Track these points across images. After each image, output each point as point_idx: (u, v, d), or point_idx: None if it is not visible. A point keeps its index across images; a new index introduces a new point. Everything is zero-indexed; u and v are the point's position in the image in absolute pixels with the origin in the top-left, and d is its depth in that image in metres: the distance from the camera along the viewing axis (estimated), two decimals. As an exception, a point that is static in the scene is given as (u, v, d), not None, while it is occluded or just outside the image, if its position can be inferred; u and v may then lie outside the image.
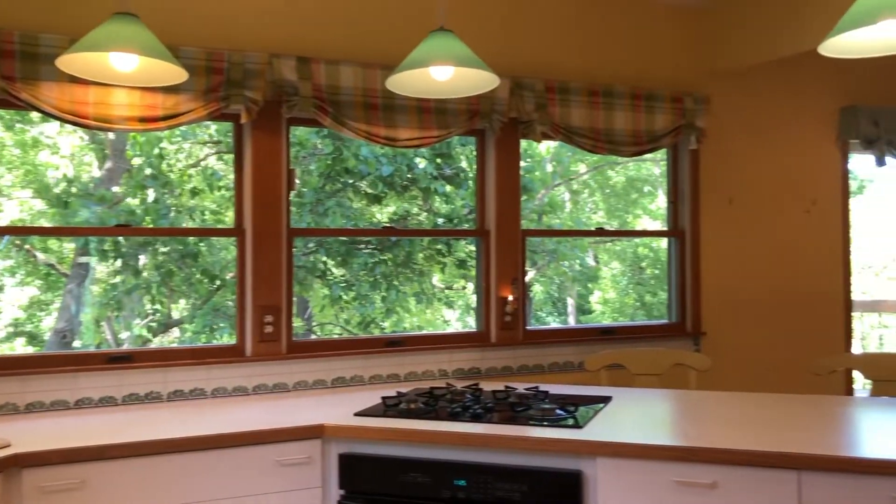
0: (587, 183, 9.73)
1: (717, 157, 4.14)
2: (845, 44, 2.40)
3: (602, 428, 2.49)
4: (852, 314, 4.51)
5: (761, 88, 4.28)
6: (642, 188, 9.85)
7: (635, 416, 2.70)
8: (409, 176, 6.38)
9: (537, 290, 9.59)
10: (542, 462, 2.41)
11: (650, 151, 3.94)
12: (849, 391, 4.32)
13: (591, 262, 10.22)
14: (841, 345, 4.46)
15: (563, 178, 9.17)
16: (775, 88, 4.32)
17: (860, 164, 9.09)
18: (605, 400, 2.93)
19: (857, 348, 8.33)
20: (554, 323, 9.90)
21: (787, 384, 4.16)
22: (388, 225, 6.06)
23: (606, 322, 9.75)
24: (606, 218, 9.74)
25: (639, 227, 9.78)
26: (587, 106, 3.73)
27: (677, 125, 3.90)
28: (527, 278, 9.76)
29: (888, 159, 4.44)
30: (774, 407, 2.81)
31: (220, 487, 2.49)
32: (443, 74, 2.74)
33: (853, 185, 11.80)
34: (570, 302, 10.16)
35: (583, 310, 10.17)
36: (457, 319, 7.45)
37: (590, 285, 10.16)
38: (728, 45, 4.01)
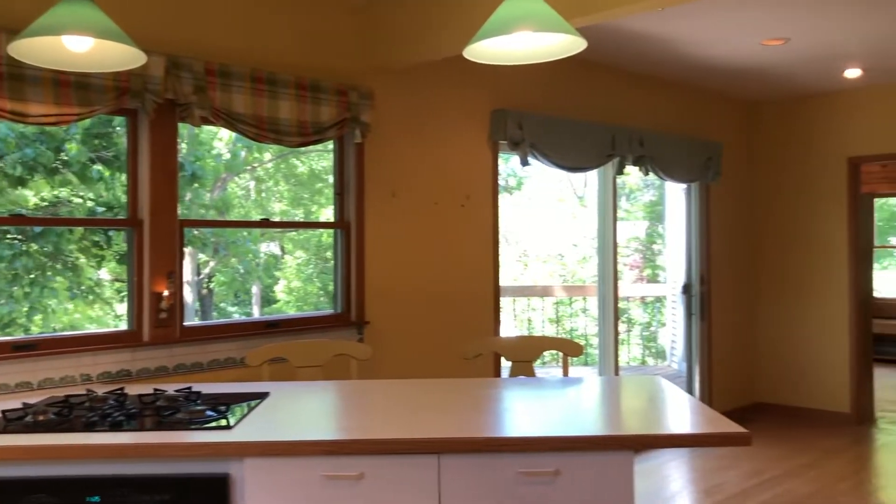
0: (272, 172, 9.62)
1: (382, 151, 4.25)
2: (487, 50, 2.56)
3: (254, 426, 2.41)
4: (501, 300, 4.92)
5: (423, 86, 4.49)
6: (327, 178, 9.95)
7: (291, 411, 2.66)
8: (63, 157, 5.74)
9: (219, 282, 9.28)
10: (189, 468, 2.26)
11: (316, 143, 3.93)
12: (497, 373, 4.71)
13: (277, 251, 10.11)
14: (492, 329, 4.85)
15: (246, 166, 8.94)
16: (436, 87, 4.55)
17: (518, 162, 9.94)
18: (262, 396, 2.84)
19: (512, 331, 9.20)
20: (237, 315, 9.63)
21: (445, 369, 4.43)
22: (17, 213, 5.36)
23: (291, 312, 9.71)
24: (291, 207, 9.68)
25: (322, 218, 9.87)
26: (251, 92, 3.60)
27: (343, 118, 3.93)
28: (206, 270, 9.33)
29: (531, 160, 4.90)
30: (426, 393, 2.94)
31: None
32: (79, 45, 2.44)
33: (513, 181, 13.03)
34: (256, 292, 9.97)
35: (268, 300, 10.04)
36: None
37: (276, 273, 10.06)
38: (392, 41, 4.13)
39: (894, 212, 11.32)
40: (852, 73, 5.91)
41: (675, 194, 6.75)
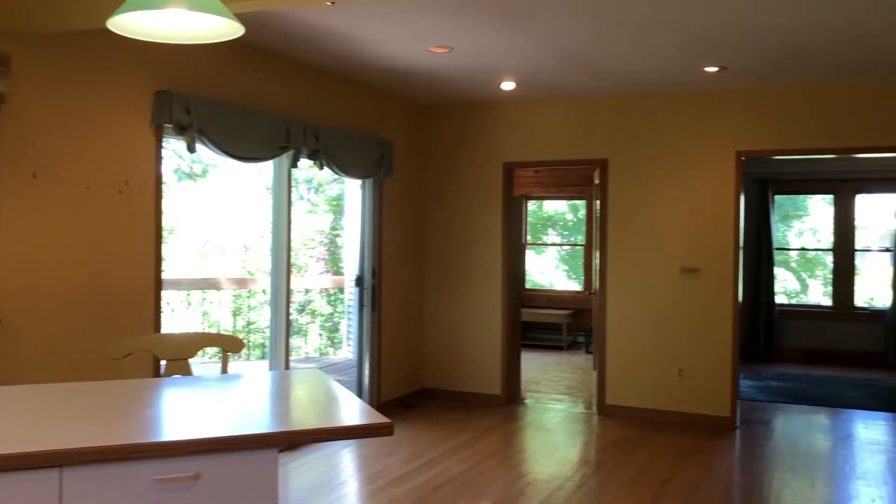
0: None
1: (20, 126, 3.76)
2: (137, 25, 2.38)
3: None
4: (167, 293, 4.64)
5: (75, 57, 4.05)
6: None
7: None
8: None
9: None
10: None
11: (-69, 111, 3.36)
12: (156, 373, 4.43)
13: None
14: (152, 326, 4.54)
15: None
16: (91, 60, 4.14)
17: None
18: None
19: (187, 327, 8.76)
20: None
21: (96, 372, 4.04)
22: None
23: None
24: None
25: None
26: None
27: (-33, 85, 3.41)
28: None
29: (199, 146, 4.67)
30: (56, 399, 2.64)
31: None
32: None
33: (198, 168, 12.39)
34: None
35: None
36: None
37: None
38: (34, 1, 3.66)
39: (548, 213, 12.71)
40: (508, 85, 6.49)
41: (354, 189, 6.90)
